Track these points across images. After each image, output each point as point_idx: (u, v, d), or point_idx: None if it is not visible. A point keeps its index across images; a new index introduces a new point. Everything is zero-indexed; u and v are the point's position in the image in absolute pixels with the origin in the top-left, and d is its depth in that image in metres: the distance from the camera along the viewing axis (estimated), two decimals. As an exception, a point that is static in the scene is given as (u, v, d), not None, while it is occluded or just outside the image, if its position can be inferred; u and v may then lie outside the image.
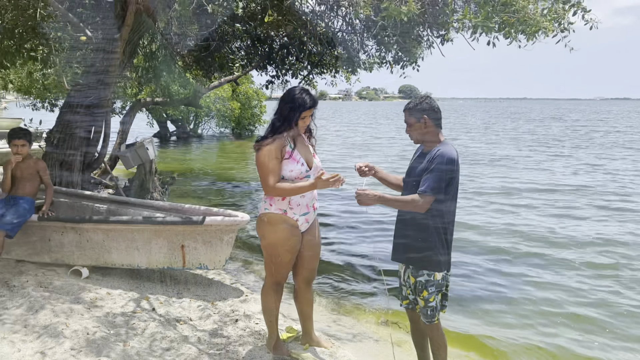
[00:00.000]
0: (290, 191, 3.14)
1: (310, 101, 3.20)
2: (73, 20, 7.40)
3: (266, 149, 3.17)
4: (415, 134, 3.23)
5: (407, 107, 3.22)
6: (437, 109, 3.23)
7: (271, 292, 3.45)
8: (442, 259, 3.19)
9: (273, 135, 3.20)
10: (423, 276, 3.19)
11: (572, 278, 5.96)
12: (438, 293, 3.22)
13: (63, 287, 4.40)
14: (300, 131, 3.28)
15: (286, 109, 3.18)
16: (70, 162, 7.46)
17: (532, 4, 5.04)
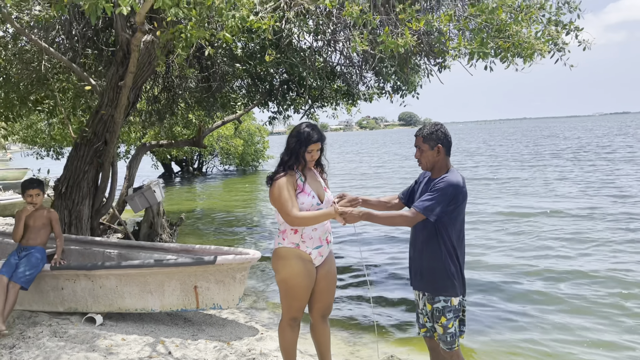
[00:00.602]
0: (311, 219, 3.16)
1: (316, 135, 3.26)
2: (77, 70, 7.56)
3: (280, 182, 3.22)
4: (425, 161, 3.26)
5: (422, 134, 3.23)
6: (450, 137, 3.29)
7: (288, 328, 3.43)
8: (457, 284, 3.19)
9: (284, 169, 3.26)
10: (440, 302, 3.18)
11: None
12: (456, 319, 3.20)
13: (77, 335, 4.39)
14: (309, 165, 3.33)
15: (292, 143, 3.25)
16: (79, 209, 7.53)
17: (526, 28, 5.15)
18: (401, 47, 4.58)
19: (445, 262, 3.16)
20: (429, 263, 3.20)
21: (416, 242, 3.29)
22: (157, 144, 10.59)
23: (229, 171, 28.63)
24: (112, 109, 7.27)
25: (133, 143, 19.17)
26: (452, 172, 3.23)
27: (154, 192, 8.39)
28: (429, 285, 3.23)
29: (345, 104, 10.87)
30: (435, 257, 3.17)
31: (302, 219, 3.15)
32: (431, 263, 3.19)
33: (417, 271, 3.29)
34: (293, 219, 3.15)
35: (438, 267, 3.17)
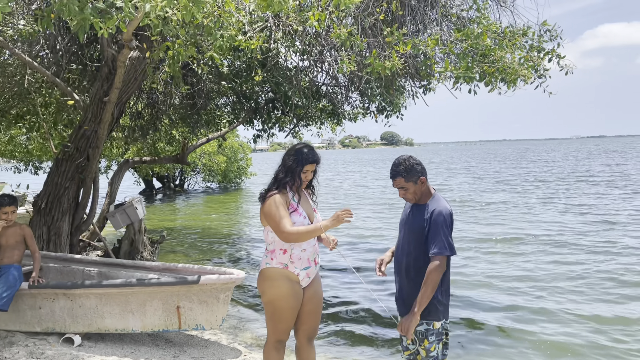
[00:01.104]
0: (305, 233, 3.14)
1: (312, 156, 3.26)
2: (60, 85, 7.48)
3: (274, 198, 3.22)
4: (412, 196, 3.26)
5: (400, 174, 3.20)
6: (422, 164, 3.31)
7: (273, 350, 3.39)
8: (440, 308, 3.20)
9: (277, 187, 3.25)
10: (422, 325, 3.18)
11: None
12: (439, 342, 3.20)
13: (55, 356, 4.27)
14: (303, 185, 3.33)
15: (290, 161, 3.25)
16: (59, 225, 7.39)
17: (509, 54, 5.26)
18: (388, 70, 4.65)
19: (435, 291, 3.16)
20: (414, 289, 3.19)
21: (407, 271, 3.27)
22: (141, 160, 10.50)
23: (211, 188, 28.44)
24: (95, 124, 7.20)
25: (115, 158, 18.99)
26: (438, 199, 3.24)
27: (135, 209, 8.28)
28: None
29: (330, 123, 10.94)
30: (419, 283, 3.17)
31: (296, 234, 3.12)
32: (416, 288, 3.18)
33: (402, 295, 3.29)
34: (288, 235, 3.13)
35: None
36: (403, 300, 3.28)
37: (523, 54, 5.39)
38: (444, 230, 3.09)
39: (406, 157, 3.30)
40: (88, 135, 7.25)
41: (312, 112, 10.07)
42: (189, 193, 27.16)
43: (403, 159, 3.28)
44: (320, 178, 3.49)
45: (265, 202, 3.23)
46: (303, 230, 3.14)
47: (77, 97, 7.64)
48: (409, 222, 3.29)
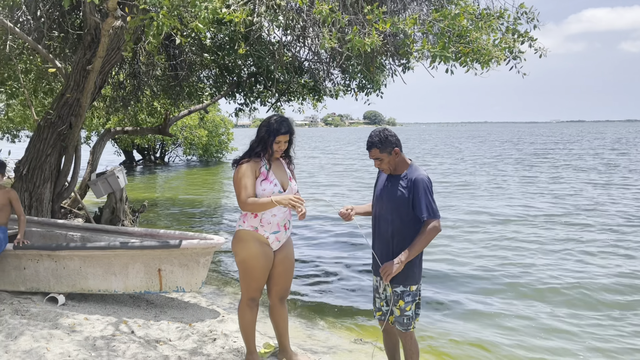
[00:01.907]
0: (259, 205, 3.33)
1: (285, 128, 3.44)
2: (42, 52, 7.47)
3: (242, 167, 3.40)
4: (387, 166, 3.46)
5: (375, 145, 3.38)
6: (397, 136, 3.51)
7: (247, 308, 3.60)
8: (416, 272, 3.44)
9: (249, 156, 3.43)
10: (399, 287, 3.41)
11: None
12: (413, 302, 3.45)
13: (40, 314, 4.44)
14: (276, 155, 3.51)
15: (262, 132, 3.43)
16: (40, 192, 7.47)
17: (485, 35, 5.46)
18: (368, 47, 4.81)
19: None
20: (392, 253, 3.42)
21: (383, 235, 3.49)
22: (123, 130, 10.52)
23: (192, 161, 28.41)
24: (78, 92, 7.25)
25: (95, 129, 18.85)
26: (415, 168, 3.46)
27: (117, 178, 8.39)
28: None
29: (311, 99, 11.06)
30: (400, 250, 3.40)
31: (251, 204, 3.33)
32: (395, 255, 3.41)
33: (380, 260, 3.51)
34: (244, 205, 3.34)
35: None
36: (382, 261, 3.49)
37: (498, 36, 5.59)
38: (427, 196, 3.31)
39: (381, 129, 3.50)
40: (70, 103, 7.30)
41: (294, 88, 10.19)
42: (170, 166, 27.10)
43: (378, 131, 3.48)
44: (301, 155, 3.67)
45: (235, 171, 3.42)
46: (258, 202, 3.33)
47: (58, 65, 7.64)
48: (387, 192, 3.49)
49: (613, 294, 6.22)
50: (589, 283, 6.55)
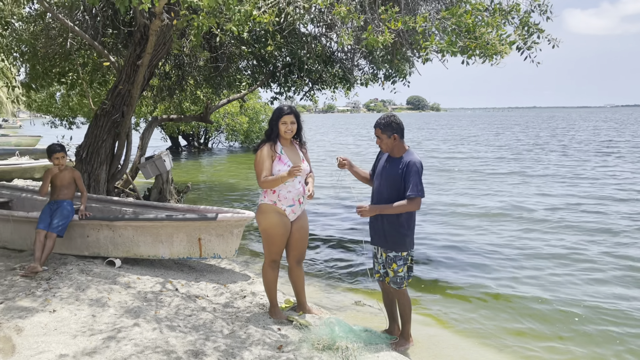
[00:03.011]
0: (271, 182, 4.03)
1: (288, 109, 4.11)
2: (98, 48, 8.39)
3: (261, 151, 4.11)
4: (385, 147, 4.12)
5: (379, 126, 4.07)
6: (402, 125, 4.14)
7: (269, 268, 4.34)
8: (407, 241, 4.08)
9: (266, 141, 4.13)
10: (392, 252, 4.07)
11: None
12: (404, 265, 4.10)
13: (101, 273, 5.32)
14: (285, 136, 4.17)
15: (271, 119, 4.14)
16: (97, 173, 8.44)
17: (492, 30, 5.94)
18: (380, 44, 5.41)
19: (401, 227, 4.04)
20: (388, 227, 4.07)
21: None
22: (168, 118, 11.44)
23: (234, 147, 29.52)
24: (129, 84, 8.13)
25: (143, 116, 20.07)
26: (411, 153, 4.10)
27: (164, 161, 9.29)
28: (385, 243, 4.11)
29: (343, 88, 11.66)
30: (394, 223, 4.05)
31: (266, 182, 4.03)
32: (389, 227, 4.06)
33: (377, 231, 4.17)
34: (261, 183, 4.07)
35: (395, 230, 4.05)
36: (379, 234, 4.14)
37: (507, 31, 6.05)
38: (416, 177, 3.94)
39: (391, 114, 4.17)
40: (123, 94, 8.20)
41: (326, 77, 10.81)
42: (213, 151, 28.29)
43: (387, 115, 4.15)
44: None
45: (255, 155, 4.12)
46: (271, 179, 4.02)
47: (112, 59, 8.55)
48: (385, 171, 4.15)
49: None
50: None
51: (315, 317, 4.48)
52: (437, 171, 17.43)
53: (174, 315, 4.33)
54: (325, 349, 3.80)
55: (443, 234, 8.63)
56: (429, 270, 6.70)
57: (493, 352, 4.49)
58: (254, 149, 4.19)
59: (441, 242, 8.12)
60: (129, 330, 3.89)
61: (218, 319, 4.32)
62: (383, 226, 4.10)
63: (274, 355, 3.65)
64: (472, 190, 13.29)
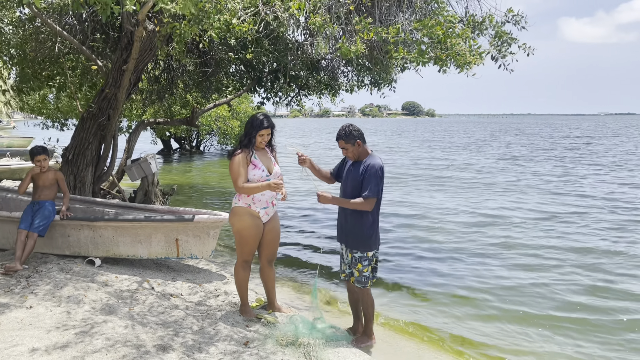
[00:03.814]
0: (250, 189, 4.22)
1: (267, 123, 4.30)
2: (86, 52, 8.57)
3: (236, 158, 4.29)
4: (352, 155, 4.32)
5: (342, 137, 4.26)
6: (361, 131, 4.35)
7: (240, 269, 4.52)
8: (372, 241, 4.28)
9: (241, 148, 4.32)
10: (357, 253, 4.27)
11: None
12: (369, 266, 4.30)
13: (80, 272, 5.48)
14: (260, 145, 4.38)
15: (248, 127, 4.31)
16: (83, 175, 8.61)
17: (463, 42, 6.16)
18: (353, 54, 5.62)
19: (365, 227, 4.24)
20: (354, 227, 4.28)
21: (345, 210, 4.35)
22: (155, 121, 11.62)
23: (226, 151, 29.68)
24: (115, 88, 8.31)
25: (134, 119, 20.24)
26: (374, 156, 4.30)
27: (149, 164, 9.46)
28: (351, 243, 4.31)
29: (329, 94, 11.88)
30: (359, 224, 4.25)
31: (244, 188, 4.21)
32: (355, 227, 4.26)
33: (344, 231, 4.37)
34: (239, 189, 4.23)
35: (360, 230, 4.25)
36: (345, 234, 4.35)
37: (477, 43, 6.28)
38: (374, 180, 4.15)
39: (348, 124, 4.37)
40: (109, 98, 8.38)
41: (311, 83, 11.02)
42: (205, 154, 28.46)
43: (345, 126, 4.35)
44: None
45: (230, 161, 4.30)
46: (250, 186, 4.20)
47: (100, 63, 8.73)
48: (350, 175, 4.35)
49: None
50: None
51: (284, 315, 4.66)
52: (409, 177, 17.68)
53: (147, 312, 4.51)
54: (288, 345, 3.99)
55: (408, 237, 8.86)
56: (392, 271, 6.98)
57: (451, 350, 4.69)
58: (229, 155, 4.38)
59: (406, 244, 8.40)
60: (102, 326, 4.06)
61: (189, 316, 4.50)
62: (349, 227, 4.29)
63: (238, 350, 3.83)
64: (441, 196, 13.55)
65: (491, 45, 6.54)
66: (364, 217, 4.22)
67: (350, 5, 6.05)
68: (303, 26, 7.69)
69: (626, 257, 7.62)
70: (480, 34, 6.90)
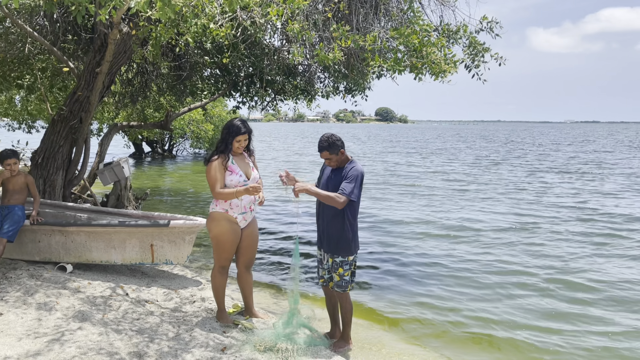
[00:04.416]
0: (227, 195, 4.21)
1: (243, 129, 4.30)
2: (57, 54, 8.40)
3: (213, 164, 4.27)
4: (335, 163, 4.35)
5: (326, 149, 4.25)
6: (341, 138, 4.39)
7: (218, 274, 4.50)
8: (352, 246, 4.31)
9: (217, 154, 4.30)
10: (338, 257, 4.29)
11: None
12: (349, 270, 4.32)
13: (51, 278, 5.36)
14: (238, 151, 4.37)
15: (224, 133, 4.30)
16: (53, 179, 8.42)
17: (438, 50, 6.28)
18: (330, 61, 5.67)
19: (346, 232, 4.26)
20: (334, 232, 4.30)
21: (324, 215, 4.37)
22: (128, 125, 11.46)
23: (199, 154, 29.42)
24: (88, 91, 8.17)
25: (106, 122, 19.90)
26: (355, 162, 4.34)
27: (122, 168, 9.32)
28: (332, 248, 4.32)
29: (305, 99, 11.91)
30: (339, 228, 4.27)
31: (221, 194, 4.19)
32: (336, 232, 4.28)
33: (324, 237, 4.39)
34: (216, 195, 4.21)
35: (340, 235, 4.27)
36: (327, 239, 4.35)
37: (452, 52, 6.40)
38: (354, 182, 4.18)
39: (329, 134, 4.38)
40: (81, 101, 8.23)
41: (288, 89, 11.04)
42: (177, 158, 28.14)
43: (327, 136, 4.36)
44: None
45: (208, 167, 4.28)
46: (226, 192, 4.18)
47: (71, 65, 8.57)
48: (331, 182, 4.37)
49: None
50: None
51: (261, 321, 4.66)
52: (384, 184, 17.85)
53: (121, 319, 4.44)
54: (266, 351, 3.99)
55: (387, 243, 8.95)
56: (370, 276, 6.99)
57: (428, 354, 4.75)
58: (205, 161, 4.35)
59: (383, 250, 8.46)
60: (74, 333, 3.98)
61: (165, 323, 4.45)
62: (330, 232, 4.31)
63: (215, 357, 3.81)
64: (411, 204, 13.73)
65: (464, 54, 6.68)
66: (344, 221, 4.24)
67: (328, 12, 6.10)
68: (280, 32, 7.73)
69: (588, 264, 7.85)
70: (455, 43, 7.03)
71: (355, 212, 4.31)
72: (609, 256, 8.27)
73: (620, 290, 6.59)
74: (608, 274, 7.29)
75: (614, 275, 7.20)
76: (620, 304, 6.15)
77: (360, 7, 6.60)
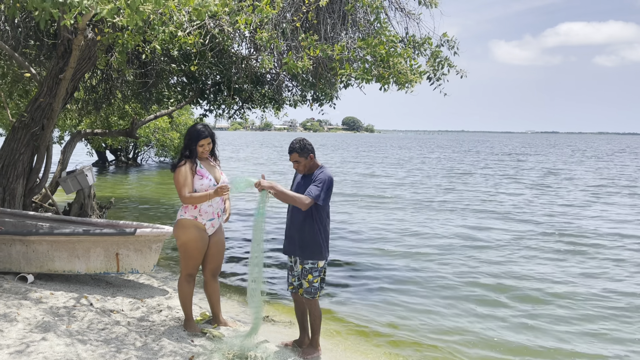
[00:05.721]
0: (197, 198, 4.19)
1: (205, 132, 4.30)
2: (18, 59, 8.20)
3: (182, 169, 4.26)
4: (303, 168, 4.38)
5: (295, 151, 4.30)
6: (312, 144, 4.43)
7: (185, 282, 4.46)
8: (323, 251, 4.34)
9: (184, 159, 4.29)
10: (308, 264, 4.31)
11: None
12: (319, 276, 4.35)
13: (12, 289, 5.21)
14: (203, 155, 4.37)
15: (187, 140, 4.30)
16: (13, 187, 8.17)
17: (404, 60, 6.42)
18: (299, 69, 5.73)
19: (317, 236, 4.29)
20: (304, 236, 4.31)
21: (295, 220, 4.39)
22: (92, 132, 11.22)
23: (164, 163, 29.00)
24: (50, 97, 7.98)
25: (68, 129, 19.42)
26: (324, 168, 4.39)
27: (86, 176, 9.12)
28: (303, 252, 4.34)
29: (273, 108, 11.93)
30: (310, 232, 4.29)
31: (191, 198, 4.18)
32: (306, 236, 4.30)
33: (294, 242, 4.40)
34: (185, 199, 4.20)
35: (311, 240, 4.30)
36: (297, 245, 4.36)
37: (418, 63, 6.55)
38: (322, 186, 4.21)
39: (301, 138, 4.43)
40: (43, 107, 8.03)
41: (255, 97, 11.05)
42: (142, 167, 27.67)
43: (298, 140, 4.41)
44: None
45: (175, 173, 4.26)
46: (197, 196, 4.18)
47: (33, 71, 8.37)
48: (302, 188, 4.40)
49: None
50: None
51: (229, 329, 4.63)
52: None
53: (86, 329, 4.35)
54: (235, 359, 3.97)
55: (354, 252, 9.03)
56: (340, 282, 7.04)
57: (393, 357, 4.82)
58: (172, 167, 4.33)
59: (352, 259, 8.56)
60: (38, 345, 3.88)
61: (132, 332, 4.38)
62: (302, 237, 4.32)
63: (184, 365, 3.77)
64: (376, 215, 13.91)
65: (427, 65, 6.84)
66: (314, 225, 4.28)
67: (297, 22, 6.17)
68: (248, 40, 7.75)
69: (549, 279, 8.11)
70: (420, 55, 7.20)
71: (323, 217, 4.34)
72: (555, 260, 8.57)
73: (571, 301, 6.75)
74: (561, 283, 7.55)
75: (572, 285, 7.46)
76: (571, 311, 6.37)
77: (328, 17, 6.70)
